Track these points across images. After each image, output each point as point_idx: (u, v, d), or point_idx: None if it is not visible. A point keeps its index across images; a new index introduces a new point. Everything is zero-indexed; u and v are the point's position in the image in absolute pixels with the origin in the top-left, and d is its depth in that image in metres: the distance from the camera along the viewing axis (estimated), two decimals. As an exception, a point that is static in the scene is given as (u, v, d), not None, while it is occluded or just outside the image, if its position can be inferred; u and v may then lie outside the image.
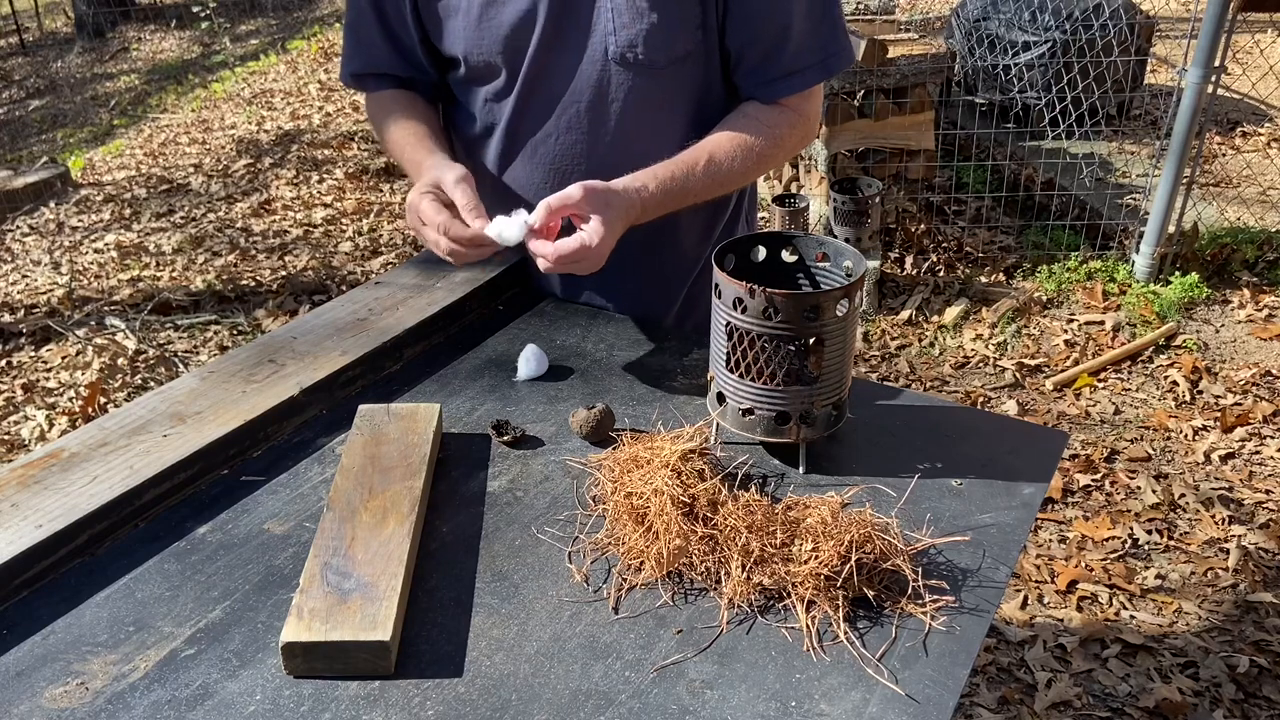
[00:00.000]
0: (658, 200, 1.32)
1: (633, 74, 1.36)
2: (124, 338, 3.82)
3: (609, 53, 1.35)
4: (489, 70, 1.42)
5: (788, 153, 1.46)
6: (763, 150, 1.40)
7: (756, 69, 1.40)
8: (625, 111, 1.39)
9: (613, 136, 1.41)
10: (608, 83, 1.37)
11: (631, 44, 1.33)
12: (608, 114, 1.40)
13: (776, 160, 1.45)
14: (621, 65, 1.36)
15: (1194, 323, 3.70)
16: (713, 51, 1.40)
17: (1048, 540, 2.71)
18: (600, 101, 1.39)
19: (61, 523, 1.03)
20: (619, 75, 1.37)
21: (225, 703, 0.88)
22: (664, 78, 1.37)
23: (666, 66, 1.36)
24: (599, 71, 1.37)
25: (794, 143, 1.45)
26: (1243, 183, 4.65)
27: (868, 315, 3.80)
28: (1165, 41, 6.38)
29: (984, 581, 1.01)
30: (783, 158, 1.47)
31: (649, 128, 1.41)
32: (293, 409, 1.26)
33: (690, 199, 1.38)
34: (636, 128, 1.41)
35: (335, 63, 8.36)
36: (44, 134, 8.19)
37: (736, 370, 1.13)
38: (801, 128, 1.45)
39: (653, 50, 1.34)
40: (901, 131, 4.06)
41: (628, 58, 1.35)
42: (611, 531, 1.07)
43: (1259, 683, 2.27)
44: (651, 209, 1.32)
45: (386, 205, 5.18)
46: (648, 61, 1.35)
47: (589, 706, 0.87)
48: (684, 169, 1.35)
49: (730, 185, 1.43)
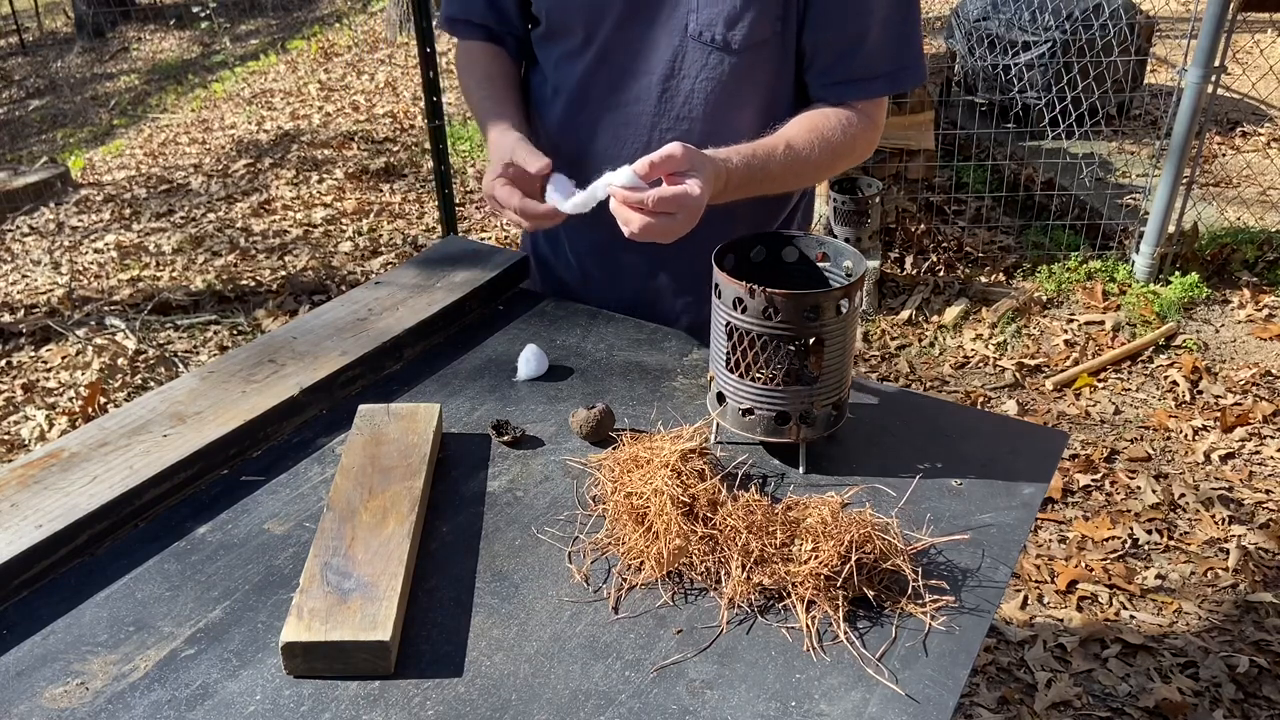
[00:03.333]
0: (740, 177, 1.31)
1: (708, 53, 1.37)
2: (124, 338, 3.82)
3: (688, 29, 1.36)
4: (567, 31, 1.44)
5: (858, 156, 1.46)
6: (839, 146, 1.39)
7: (828, 69, 1.40)
8: (695, 90, 1.40)
9: (679, 113, 1.42)
10: (682, 59, 1.39)
11: (711, 23, 1.35)
12: (678, 90, 1.40)
13: (848, 160, 1.44)
14: (699, 43, 1.37)
15: (1194, 323, 3.70)
16: (790, 45, 1.40)
17: (1048, 540, 2.71)
18: (672, 76, 1.40)
19: (61, 523, 1.03)
20: (695, 52, 1.38)
21: (225, 703, 0.88)
22: (738, 62, 1.38)
23: (742, 51, 1.36)
24: (675, 46, 1.38)
25: (864, 147, 1.44)
26: (1243, 183, 4.65)
27: (868, 315, 3.80)
28: (1165, 41, 6.38)
29: (984, 581, 1.01)
30: (853, 160, 1.46)
31: (716, 111, 1.41)
32: (293, 409, 1.26)
33: (768, 185, 1.36)
34: (704, 109, 1.41)
35: (335, 63, 8.36)
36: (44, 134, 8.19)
37: (736, 370, 1.13)
38: (871, 134, 1.44)
39: (731, 32, 1.35)
40: (901, 131, 4.06)
41: (705, 36, 1.36)
42: (611, 531, 1.07)
43: (1259, 683, 2.27)
44: (733, 186, 1.30)
45: (386, 205, 5.18)
46: (724, 42, 1.36)
47: (589, 706, 0.87)
48: (765, 151, 1.34)
49: (805, 178, 1.43)
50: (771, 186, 1.38)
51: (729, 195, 1.31)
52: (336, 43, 9.06)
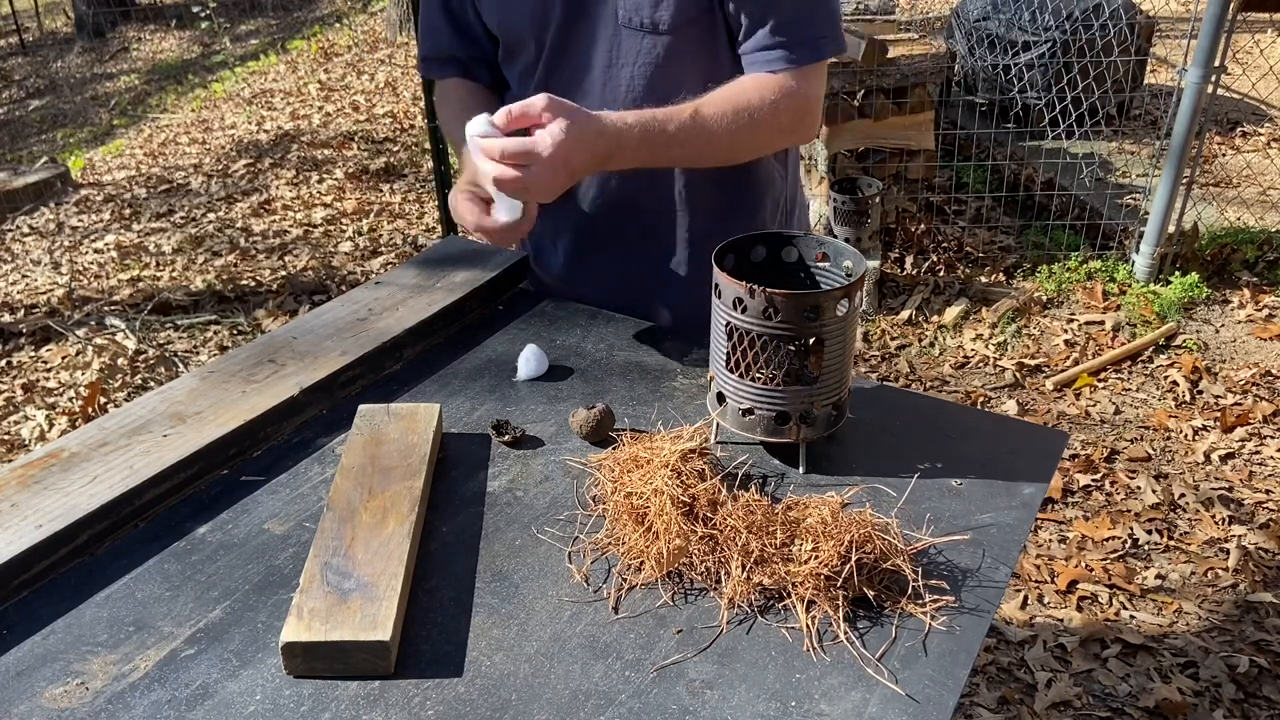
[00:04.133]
0: (637, 137, 1.29)
1: (640, 38, 1.38)
2: (124, 338, 3.82)
3: (619, 17, 1.38)
4: (521, 45, 1.47)
5: (784, 130, 1.43)
6: (755, 114, 1.37)
7: (749, 38, 1.40)
8: (635, 76, 1.41)
9: (622, 101, 1.43)
10: (618, 47, 1.40)
11: (638, 7, 1.36)
12: (618, 79, 1.42)
13: (776, 132, 1.42)
14: (629, 29, 1.38)
15: (1194, 323, 3.70)
16: (720, 21, 1.41)
17: (1048, 540, 2.71)
18: (611, 65, 1.42)
19: (61, 523, 1.03)
20: (628, 39, 1.39)
21: (225, 703, 0.88)
22: (671, 43, 1.38)
23: (673, 31, 1.37)
24: (610, 37, 1.40)
25: (789, 118, 1.41)
26: (1243, 183, 4.65)
27: (868, 315, 3.80)
28: (1165, 41, 6.38)
29: (984, 581, 1.01)
30: (784, 132, 1.44)
31: (657, 94, 1.41)
32: (293, 409, 1.26)
33: (675, 149, 1.35)
34: (644, 93, 1.42)
35: (335, 63, 8.36)
36: (44, 134, 8.19)
37: (736, 370, 1.13)
38: (798, 104, 1.40)
39: (657, 12, 1.36)
40: (901, 131, 4.06)
41: (634, 21, 1.37)
42: (611, 531, 1.07)
43: (1259, 683, 2.27)
44: (629, 145, 1.29)
45: (386, 205, 5.18)
46: (653, 25, 1.37)
47: (589, 706, 0.87)
48: (667, 114, 1.33)
49: (719, 145, 1.39)
50: (681, 151, 1.36)
51: (626, 158, 1.31)
52: (336, 43, 9.06)
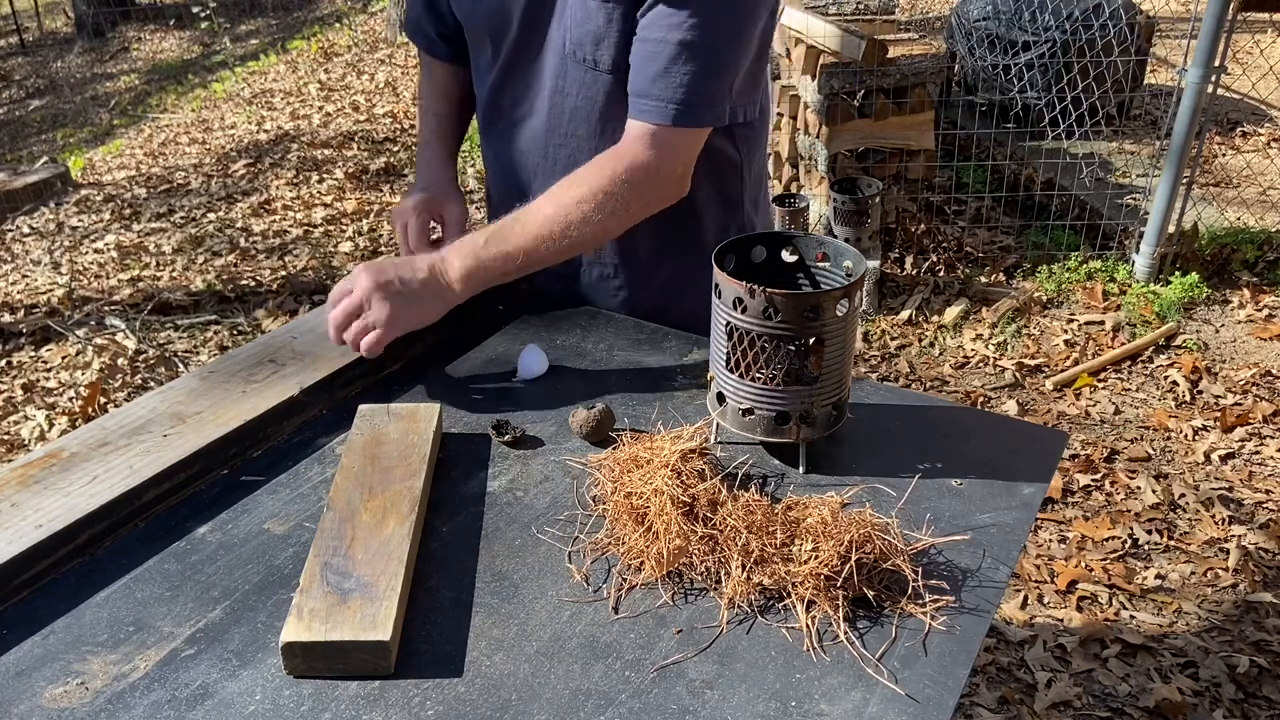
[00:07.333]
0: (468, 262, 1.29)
1: (584, 72, 1.39)
2: (124, 338, 3.82)
3: (565, 47, 1.39)
4: (480, 41, 1.49)
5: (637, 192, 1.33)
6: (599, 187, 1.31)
7: (632, 75, 1.34)
8: (578, 108, 1.42)
9: (566, 130, 1.45)
10: (565, 76, 1.41)
11: (581, 42, 1.37)
12: (564, 108, 1.43)
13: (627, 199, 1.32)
14: (574, 61, 1.39)
15: (1194, 323, 3.70)
16: None
17: (1048, 540, 2.71)
18: (558, 93, 1.43)
19: (61, 523, 1.03)
20: (574, 70, 1.40)
21: (225, 703, 0.88)
22: (611, 82, 1.38)
23: (613, 71, 1.37)
24: (558, 65, 1.41)
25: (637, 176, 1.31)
26: (1243, 183, 4.65)
27: (868, 315, 3.80)
28: (1165, 41, 6.38)
29: (984, 581, 1.01)
30: (638, 195, 1.33)
31: (599, 128, 1.42)
32: (293, 409, 1.26)
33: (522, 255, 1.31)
34: (587, 126, 1.43)
35: (335, 63, 8.37)
36: (44, 134, 8.19)
37: (736, 370, 1.13)
38: (647, 156, 1.31)
39: (598, 51, 1.36)
40: (901, 131, 4.06)
41: (578, 55, 1.38)
42: (611, 531, 1.07)
43: (1259, 683, 2.27)
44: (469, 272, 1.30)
45: (386, 205, 5.18)
46: (594, 62, 1.37)
47: (589, 706, 0.87)
48: (500, 226, 1.32)
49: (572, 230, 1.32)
50: (534, 253, 1.31)
51: (479, 279, 1.31)
52: (336, 43, 9.07)
